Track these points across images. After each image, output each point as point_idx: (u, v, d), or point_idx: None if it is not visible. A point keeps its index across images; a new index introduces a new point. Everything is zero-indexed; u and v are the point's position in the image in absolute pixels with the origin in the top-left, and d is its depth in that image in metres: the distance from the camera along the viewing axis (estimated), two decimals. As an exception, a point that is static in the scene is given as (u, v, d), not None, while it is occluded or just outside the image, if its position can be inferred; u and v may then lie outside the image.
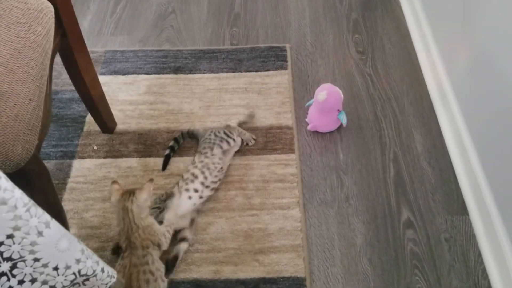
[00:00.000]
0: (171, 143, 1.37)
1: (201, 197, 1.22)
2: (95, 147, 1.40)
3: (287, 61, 1.64)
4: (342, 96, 1.40)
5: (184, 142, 1.41)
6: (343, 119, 1.40)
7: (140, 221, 1.04)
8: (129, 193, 1.05)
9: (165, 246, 1.09)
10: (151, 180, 1.10)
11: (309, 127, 1.43)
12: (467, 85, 1.33)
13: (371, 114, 1.49)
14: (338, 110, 1.39)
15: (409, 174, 1.35)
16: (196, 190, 1.20)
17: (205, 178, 1.22)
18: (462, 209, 1.27)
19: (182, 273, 1.15)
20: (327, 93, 1.36)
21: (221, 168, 1.27)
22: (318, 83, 1.52)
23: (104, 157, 1.38)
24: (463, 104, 1.35)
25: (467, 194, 1.28)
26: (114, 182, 1.09)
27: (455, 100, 1.39)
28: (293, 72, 1.62)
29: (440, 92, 1.48)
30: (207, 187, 1.23)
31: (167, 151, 1.36)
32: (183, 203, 1.19)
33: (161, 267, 1.06)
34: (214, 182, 1.25)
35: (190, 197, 1.20)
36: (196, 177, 1.22)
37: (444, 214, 1.26)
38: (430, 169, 1.36)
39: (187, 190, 1.20)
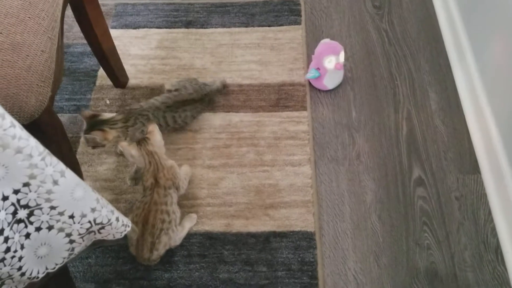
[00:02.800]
0: None
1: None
2: (108, 102, 1.41)
3: (301, 16, 1.60)
4: (332, 64, 1.33)
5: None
6: (308, 74, 1.38)
7: (165, 162, 1.11)
8: (144, 140, 1.11)
9: (182, 190, 1.15)
10: (151, 121, 1.17)
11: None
12: (486, 42, 1.28)
13: (385, 71, 1.47)
14: (318, 68, 1.36)
15: (422, 132, 1.33)
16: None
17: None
18: (474, 168, 1.27)
19: (194, 226, 1.18)
20: (325, 42, 1.37)
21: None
22: (332, 39, 1.48)
23: (117, 112, 1.39)
24: (480, 61, 1.31)
25: (480, 153, 1.27)
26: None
27: (473, 58, 1.35)
28: (307, 28, 1.58)
29: (458, 50, 1.44)
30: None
31: None
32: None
33: (178, 212, 1.12)
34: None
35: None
36: None
37: (455, 172, 1.26)
38: (443, 128, 1.34)
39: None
